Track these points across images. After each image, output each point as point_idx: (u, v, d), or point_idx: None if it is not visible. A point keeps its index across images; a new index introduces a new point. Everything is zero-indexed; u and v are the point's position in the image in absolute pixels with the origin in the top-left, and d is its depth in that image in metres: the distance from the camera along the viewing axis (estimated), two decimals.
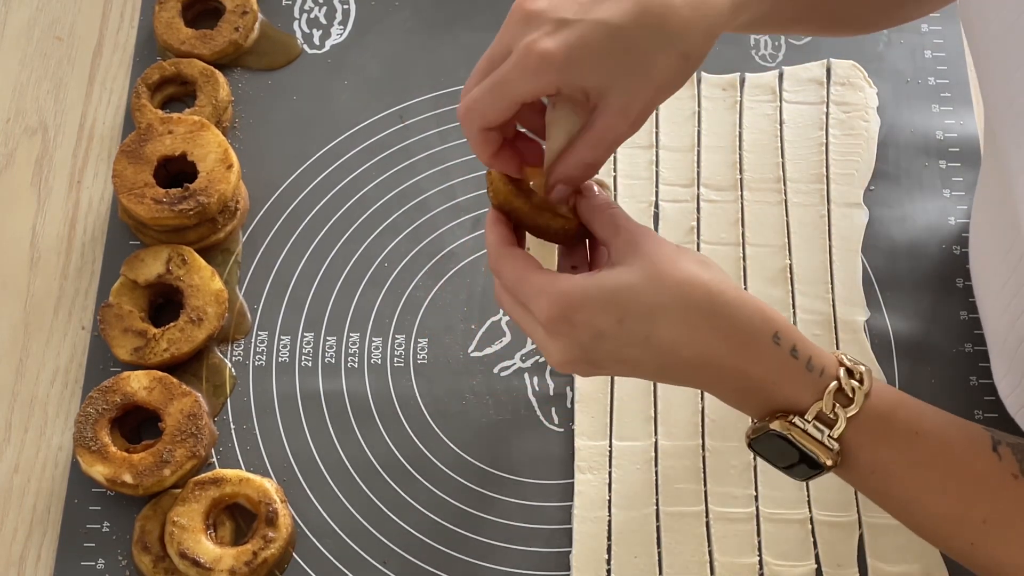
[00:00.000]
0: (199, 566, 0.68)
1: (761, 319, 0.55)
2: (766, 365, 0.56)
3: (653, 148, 0.83)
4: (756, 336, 0.55)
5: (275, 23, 0.89)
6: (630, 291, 0.54)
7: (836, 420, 0.55)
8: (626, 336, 0.55)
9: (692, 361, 0.55)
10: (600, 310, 0.54)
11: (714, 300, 0.55)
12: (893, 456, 0.57)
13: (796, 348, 0.56)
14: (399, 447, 0.74)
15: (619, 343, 0.55)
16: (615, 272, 0.55)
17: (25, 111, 0.86)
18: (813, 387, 0.56)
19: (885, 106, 0.85)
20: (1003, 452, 0.57)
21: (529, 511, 0.72)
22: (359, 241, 0.81)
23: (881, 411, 0.56)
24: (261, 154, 0.84)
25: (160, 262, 0.77)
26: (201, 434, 0.72)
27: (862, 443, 0.56)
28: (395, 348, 0.77)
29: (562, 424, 0.75)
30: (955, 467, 0.57)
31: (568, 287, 0.54)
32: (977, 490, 0.56)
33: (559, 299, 0.54)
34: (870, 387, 0.56)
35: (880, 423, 0.56)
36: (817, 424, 0.55)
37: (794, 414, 0.56)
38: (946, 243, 0.80)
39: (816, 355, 0.56)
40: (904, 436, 0.57)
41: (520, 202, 0.58)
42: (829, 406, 0.55)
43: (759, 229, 0.80)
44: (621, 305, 0.54)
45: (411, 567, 0.70)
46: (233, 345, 0.77)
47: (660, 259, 0.55)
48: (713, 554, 0.70)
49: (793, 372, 0.56)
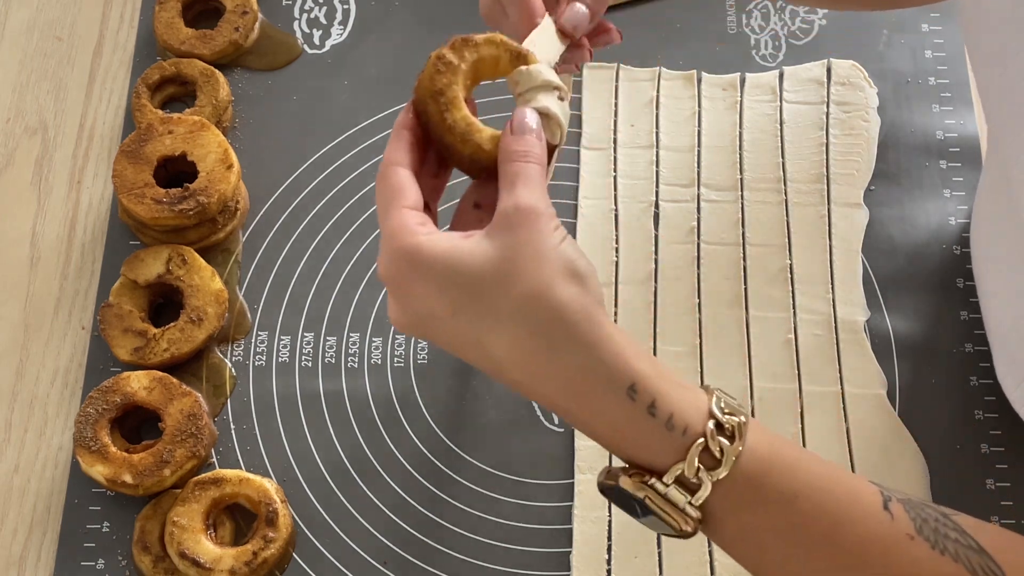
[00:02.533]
0: (199, 566, 0.68)
1: (619, 366, 0.47)
2: (610, 419, 0.48)
3: (653, 148, 0.83)
4: (605, 385, 0.47)
5: (275, 23, 0.89)
6: (475, 281, 0.47)
7: (700, 484, 0.47)
8: (457, 330, 0.48)
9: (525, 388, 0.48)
10: (436, 290, 0.47)
11: (563, 328, 0.47)
12: (764, 521, 0.48)
13: (655, 404, 0.47)
14: (399, 447, 0.74)
15: (451, 334, 0.48)
16: (472, 248, 0.47)
17: (25, 111, 0.86)
18: (672, 447, 0.48)
19: (885, 106, 0.85)
20: (895, 510, 0.49)
21: (529, 511, 0.72)
22: (359, 241, 0.81)
23: (753, 472, 0.48)
24: (261, 154, 0.84)
25: (160, 262, 0.77)
26: (201, 434, 0.72)
27: (728, 509, 0.48)
28: (395, 348, 0.77)
29: (562, 424, 0.75)
30: (840, 529, 0.48)
31: (414, 246, 0.47)
32: (867, 554, 0.48)
33: (400, 258, 0.48)
34: (742, 445, 0.48)
35: (750, 487, 0.48)
36: (676, 489, 0.47)
37: (649, 475, 0.48)
38: (946, 243, 0.80)
39: (679, 411, 0.48)
40: (780, 499, 0.48)
41: (435, 109, 0.51)
42: (692, 469, 0.47)
43: (759, 229, 0.80)
44: (459, 295, 0.47)
45: (411, 567, 0.70)
46: (233, 345, 0.77)
47: (525, 251, 0.47)
48: (713, 554, 0.70)
49: (648, 432, 0.48)
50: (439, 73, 0.51)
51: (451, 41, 0.52)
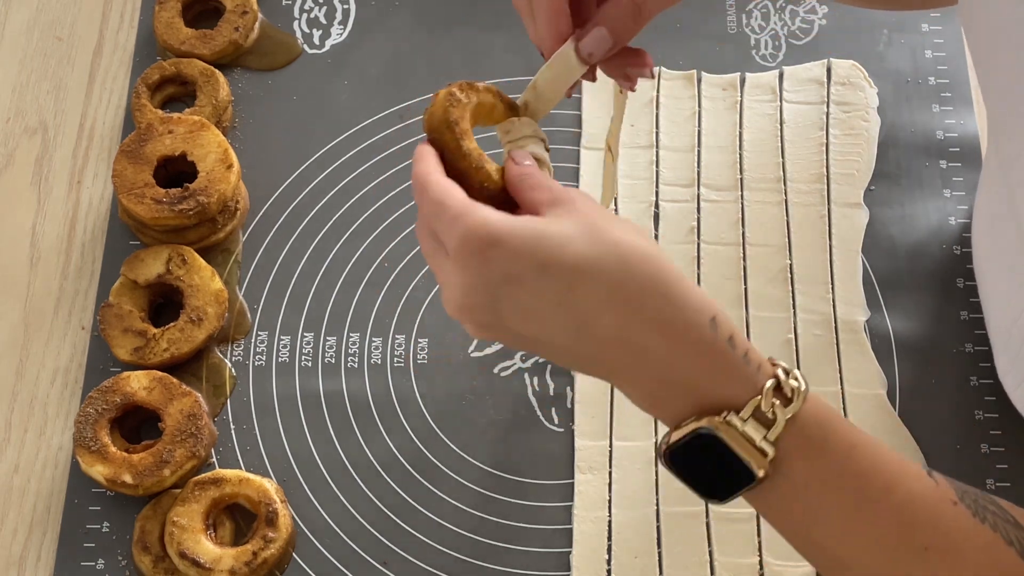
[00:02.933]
0: (199, 566, 0.68)
1: (699, 300, 0.49)
2: (698, 350, 0.49)
3: (653, 148, 0.83)
4: (692, 317, 0.49)
5: (275, 23, 0.89)
6: (561, 237, 0.48)
7: (775, 420, 0.49)
8: (544, 286, 0.48)
9: (612, 333, 0.49)
10: (522, 250, 0.48)
11: (650, 268, 0.49)
12: (830, 467, 0.50)
13: (733, 338, 0.50)
14: (399, 447, 0.74)
15: (534, 293, 0.48)
16: (546, 219, 0.49)
17: (25, 111, 0.86)
18: (749, 383, 0.50)
19: (885, 106, 0.85)
20: (938, 479, 0.52)
21: (529, 511, 0.72)
22: (359, 241, 0.81)
23: (819, 416, 0.51)
24: (261, 154, 0.84)
25: (160, 262, 0.77)
26: (201, 434, 0.72)
27: (798, 449, 0.50)
28: (395, 348, 0.77)
29: (562, 424, 0.75)
30: (893, 486, 0.51)
31: (493, 217, 0.48)
32: (916, 513, 0.51)
33: (479, 227, 0.48)
34: (807, 389, 0.50)
35: (819, 429, 0.50)
36: (753, 424, 0.49)
37: (727, 411, 0.50)
38: (947, 243, 0.80)
39: (752, 350, 0.50)
40: (842, 446, 0.51)
41: (449, 136, 0.53)
42: (768, 404, 0.49)
43: (759, 229, 0.80)
44: (546, 250, 0.48)
45: (411, 567, 0.70)
46: (233, 345, 0.77)
47: (597, 215, 0.49)
48: (713, 554, 0.70)
49: (728, 363, 0.49)
50: (452, 106, 0.54)
51: (457, 83, 0.55)
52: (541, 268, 0.48)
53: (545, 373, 0.76)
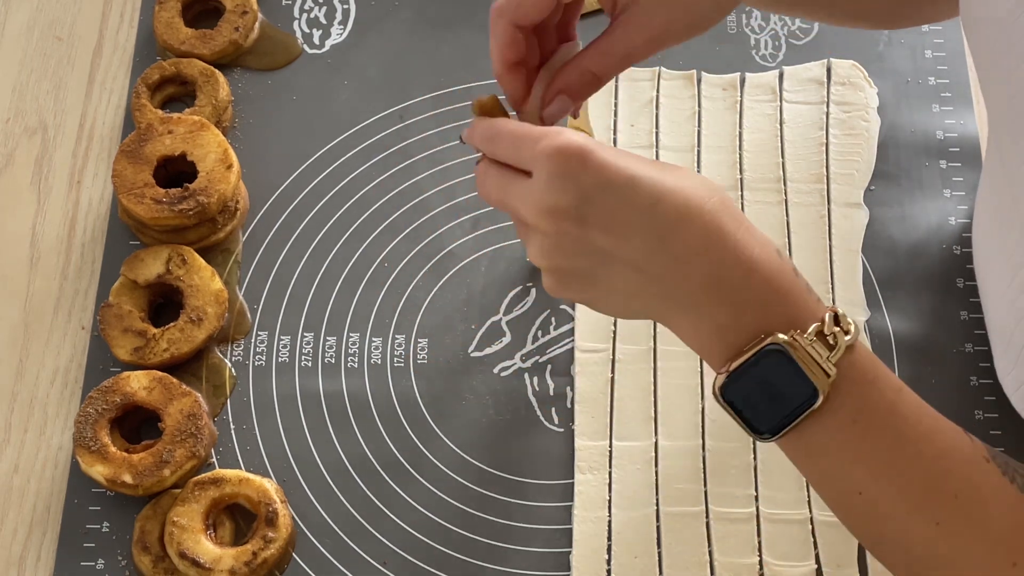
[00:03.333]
0: (199, 566, 0.68)
1: (767, 235, 0.54)
2: (770, 274, 0.52)
3: (653, 148, 0.83)
4: (763, 242, 0.53)
5: (275, 23, 0.89)
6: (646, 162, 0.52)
7: (836, 345, 0.52)
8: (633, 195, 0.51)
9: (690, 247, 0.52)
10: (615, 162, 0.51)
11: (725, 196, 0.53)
12: (878, 403, 0.53)
13: (796, 271, 0.54)
14: (399, 447, 0.74)
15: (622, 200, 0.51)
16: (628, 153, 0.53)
17: (25, 111, 0.86)
18: (811, 310, 0.53)
19: (885, 106, 0.85)
20: (972, 438, 0.55)
21: (529, 511, 0.72)
22: (359, 241, 0.81)
23: (871, 356, 0.55)
24: (261, 154, 0.84)
25: (160, 262, 0.77)
26: (201, 434, 0.72)
27: (853, 380, 0.53)
28: (395, 348, 0.77)
29: (562, 424, 0.75)
30: (933, 433, 0.54)
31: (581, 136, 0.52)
32: (952, 461, 0.54)
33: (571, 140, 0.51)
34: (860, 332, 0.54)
35: (872, 364, 0.54)
36: (819, 344, 0.52)
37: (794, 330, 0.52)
38: (947, 243, 0.80)
39: (810, 286, 0.54)
40: (891, 386, 0.54)
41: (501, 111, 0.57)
42: (830, 328, 0.52)
43: (759, 229, 0.80)
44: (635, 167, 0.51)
45: (411, 567, 0.70)
46: (233, 345, 0.77)
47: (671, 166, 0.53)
48: (713, 554, 0.70)
49: (795, 289, 0.53)
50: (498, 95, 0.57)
51: None
52: (631, 178, 0.51)
53: (545, 373, 0.76)
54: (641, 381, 0.75)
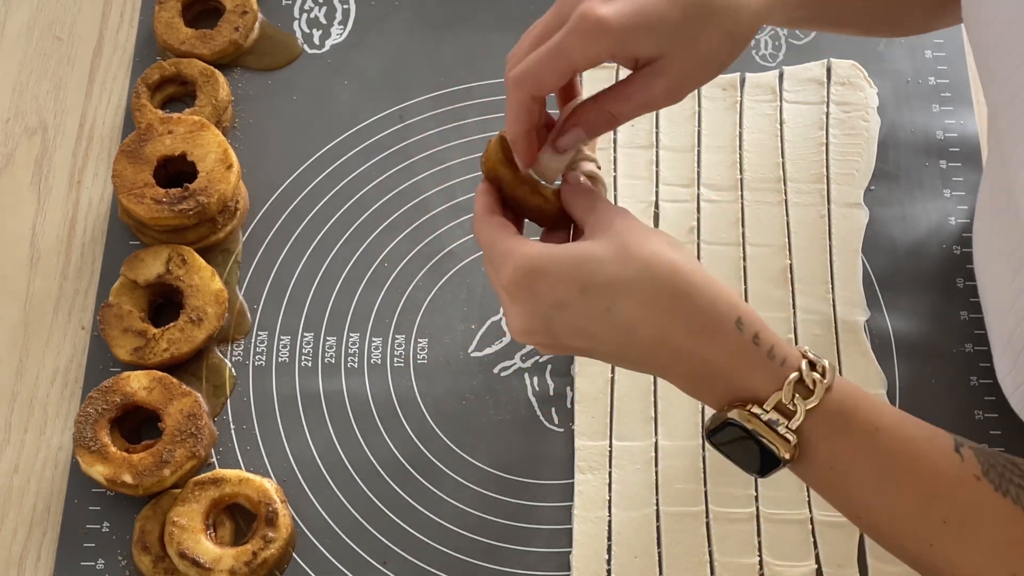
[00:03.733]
0: (199, 566, 0.68)
1: (726, 304, 0.55)
2: (726, 350, 0.55)
3: (653, 148, 0.83)
4: (718, 320, 0.55)
5: (275, 23, 0.89)
6: (596, 262, 0.54)
7: (795, 411, 0.54)
8: (587, 308, 0.55)
9: (650, 340, 0.55)
10: (563, 278, 0.54)
11: (678, 279, 0.54)
12: (852, 449, 0.55)
13: (759, 336, 0.55)
14: (399, 447, 0.74)
15: (579, 315, 0.55)
16: (583, 244, 0.55)
17: (25, 111, 0.86)
18: (773, 376, 0.55)
19: (885, 106, 0.85)
20: (965, 454, 0.55)
21: (529, 511, 0.72)
22: (359, 241, 0.81)
23: (842, 405, 0.55)
24: (261, 154, 0.84)
25: (160, 262, 0.77)
26: (201, 434, 0.72)
27: (821, 435, 0.55)
28: (395, 348, 0.77)
29: (562, 424, 0.75)
30: (915, 463, 0.55)
31: (534, 252, 0.55)
32: (937, 488, 0.55)
33: (523, 263, 0.55)
34: (831, 381, 0.55)
35: (840, 416, 0.55)
36: (775, 415, 0.54)
37: (752, 403, 0.55)
38: (947, 243, 0.80)
39: (778, 345, 0.56)
40: (864, 430, 0.55)
41: (505, 171, 0.59)
42: (789, 396, 0.54)
43: (759, 229, 0.80)
44: (585, 275, 0.54)
45: (411, 567, 0.70)
46: (233, 345, 0.77)
47: (629, 235, 0.55)
48: (713, 554, 0.70)
49: (753, 360, 0.55)
50: (504, 148, 0.60)
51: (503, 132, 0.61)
52: (581, 291, 0.54)
53: (545, 373, 0.76)
54: (641, 381, 0.75)
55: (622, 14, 0.55)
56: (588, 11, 0.55)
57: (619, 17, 0.55)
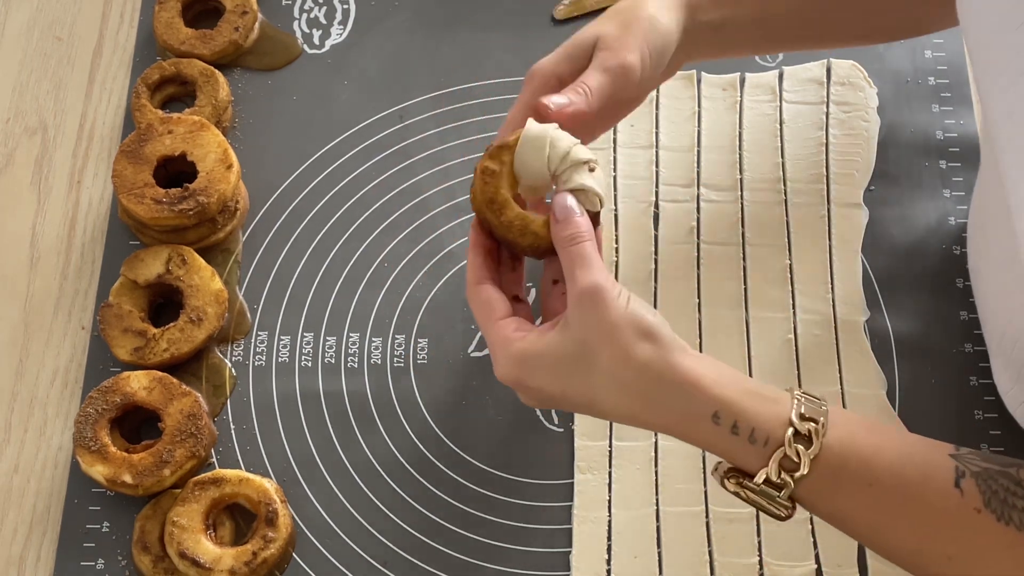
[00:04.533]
0: (199, 566, 0.68)
1: (702, 400, 0.56)
2: (708, 440, 0.57)
3: (653, 148, 0.83)
4: (694, 417, 0.56)
5: (275, 23, 0.89)
6: (570, 365, 0.57)
7: (784, 484, 0.56)
8: (572, 401, 0.58)
9: (635, 422, 0.58)
10: (547, 379, 0.58)
11: (648, 382, 0.56)
12: (847, 504, 0.57)
13: (737, 425, 0.56)
14: (399, 447, 0.74)
15: (567, 404, 0.59)
16: (559, 340, 0.57)
17: (25, 111, 0.86)
18: (757, 457, 0.56)
19: (885, 106, 0.85)
20: (966, 486, 0.56)
21: (529, 511, 0.72)
22: (359, 241, 0.81)
23: (831, 466, 0.56)
24: (261, 154, 0.84)
25: (160, 262, 0.77)
26: (201, 434, 0.72)
27: (814, 498, 0.57)
28: (395, 348, 0.77)
29: (562, 424, 0.75)
30: (910, 507, 0.56)
31: (519, 353, 0.58)
32: (939, 529, 0.56)
33: (512, 364, 0.58)
34: (818, 447, 0.56)
35: (831, 479, 0.56)
36: (766, 488, 0.56)
37: (744, 476, 0.57)
38: (946, 243, 0.80)
39: (759, 426, 0.56)
40: (856, 487, 0.56)
41: (492, 215, 0.59)
42: (775, 473, 0.56)
43: (759, 229, 0.80)
44: (563, 379, 0.57)
45: (411, 567, 0.70)
46: (233, 345, 0.77)
47: (602, 332, 0.56)
48: (713, 554, 0.70)
49: (734, 446, 0.56)
50: (486, 184, 0.59)
51: (489, 150, 0.60)
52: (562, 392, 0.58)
53: None
54: None
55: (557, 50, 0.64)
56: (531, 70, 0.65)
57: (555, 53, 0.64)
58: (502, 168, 0.59)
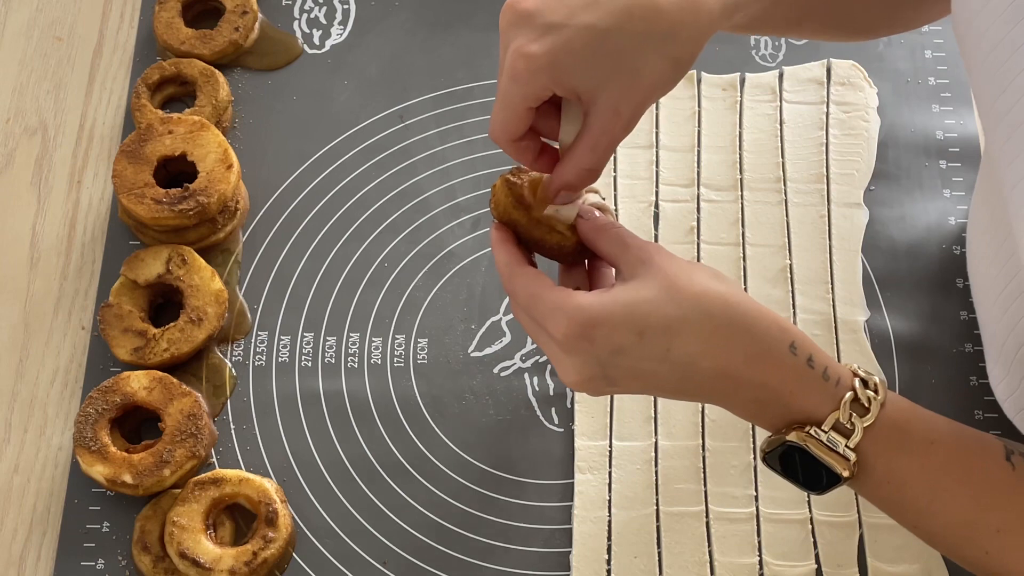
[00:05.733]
0: (199, 566, 0.68)
1: (778, 330, 0.56)
2: (783, 375, 0.56)
3: (653, 148, 0.83)
4: (773, 347, 0.56)
5: (275, 23, 0.89)
6: (649, 304, 0.54)
7: (853, 430, 0.56)
8: (646, 350, 0.55)
9: (710, 373, 0.55)
10: (620, 324, 0.54)
11: (732, 312, 0.55)
12: (908, 464, 0.57)
13: (812, 359, 0.56)
14: (399, 447, 0.74)
15: (638, 358, 0.55)
16: (631, 287, 0.55)
17: (25, 111, 0.86)
18: (829, 397, 0.56)
19: (885, 106, 0.85)
20: (1016, 462, 0.57)
21: (529, 511, 0.72)
22: (359, 241, 0.81)
23: (896, 421, 0.57)
24: (261, 154, 0.84)
25: (160, 262, 0.77)
26: (201, 434, 0.72)
27: (878, 452, 0.56)
28: (395, 348, 0.77)
29: (562, 424, 0.75)
30: (969, 475, 0.57)
31: (586, 303, 0.55)
32: (991, 498, 0.57)
33: (577, 315, 0.54)
34: (884, 397, 0.57)
35: (895, 432, 0.57)
36: (833, 435, 0.56)
37: (811, 425, 0.56)
38: (946, 243, 0.80)
39: (831, 366, 0.57)
40: (919, 444, 0.57)
41: (519, 214, 0.59)
42: (846, 416, 0.56)
43: (759, 229, 0.80)
44: (640, 319, 0.54)
45: (411, 567, 0.71)
46: (233, 345, 0.77)
47: (675, 273, 0.55)
48: (713, 554, 0.70)
49: (810, 382, 0.56)
50: (512, 187, 0.59)
51: (511, 169, 0.60)
52: (639, 336, 0.54)
53: (545, 373, 0.76)
54: None
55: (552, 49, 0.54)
56: (518, 49, 0.55)
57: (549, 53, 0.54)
58: (525, 181, 0.60)
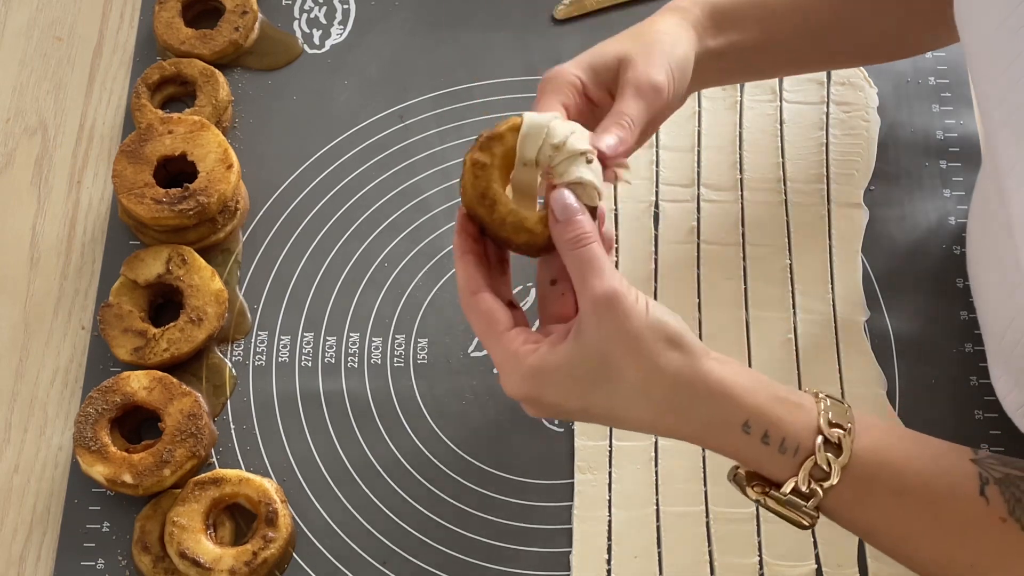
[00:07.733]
0: (199, 566, 0.68)
1: (733, 410, 0.55)
2: (737, 449, 0.56)
3: (653, 148, 0.83)
4: (724, 427, 0.55)
5: (275, 23, 0.89)
6: (593, 377, 0.54)
7: (813, 493, 0.55)
8: (592, 412, 0.56)
9: (662, 433, 0.56)
10: (565, 393, 0.55)
11: (679, 393, 0.54)
12: (874, 517, 0.56)
13: (768, 435, 0.55)
14: (399, 447, 0.74)
15: (585, 415, 0.57)
16: (579, 347, 0.54)
17: (25, 111, 0.86)
18: (787, 466, 0.55)
19: (885, 106, 0.85)
20: (991, 494, 0.56)
21: (529, 511, 0.72)
22: (359, 241, 0.81)
23: (861, 477, 0.55)
24: (261, 154, 0.84)
25: (160, 262, 0.77)
26: (201, 434, 0.72)
27: (840, 508, 0.56)
28: (395, 348, 0.77)
29: (562, 424, 0.75)
30: (939, 517, 0.56)
31: (533, 367, 0.54)
32: (963, 538, 0.56)
33: (525, 380, 0.55)
34: (848, 457, 0.55)
35: (860, 488, 0.55)
36: (793, 497, 0.55)
37: (771, 486, 0.56)
38: (946, 243, 0.80)
39: (790, 435, 0.55)
40: (885, 498, 0.56)
41: (484, 210, 0.56)
42: (805, 481, 0.55)
43: (759, 229, 0.80)
44: (585, 388, 0.54)
45: (411, 567, 0.71)
46: (233, 345, 0.77)
47: (626, 343, 0.53)
48: (713, 554, 0.70)
49: (765, 456, 0.55)
50: (477, 178, 0.56)
51: (479, 140, 0.56)
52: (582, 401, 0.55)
53: None
54: None
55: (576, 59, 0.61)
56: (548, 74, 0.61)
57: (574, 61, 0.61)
58: (493, 160, 0.56)
